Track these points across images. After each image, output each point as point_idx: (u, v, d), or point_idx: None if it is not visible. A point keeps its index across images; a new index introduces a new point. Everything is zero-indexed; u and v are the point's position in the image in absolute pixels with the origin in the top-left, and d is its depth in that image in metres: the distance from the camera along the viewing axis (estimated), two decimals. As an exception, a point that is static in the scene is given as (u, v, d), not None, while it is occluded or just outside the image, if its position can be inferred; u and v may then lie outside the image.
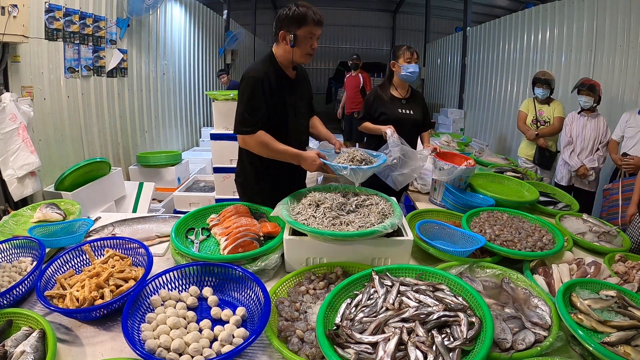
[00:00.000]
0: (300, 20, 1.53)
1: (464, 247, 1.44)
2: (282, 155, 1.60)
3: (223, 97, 3.01)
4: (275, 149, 1.58)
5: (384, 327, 0.93)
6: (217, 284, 1.20)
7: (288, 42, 1.56)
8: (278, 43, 1.61)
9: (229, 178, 3.01)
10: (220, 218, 1.54)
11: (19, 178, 2.29)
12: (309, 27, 1.54)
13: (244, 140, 1.60)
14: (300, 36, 1.54)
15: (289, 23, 1.54)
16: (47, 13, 2.68)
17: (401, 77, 2.35)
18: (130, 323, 0.98)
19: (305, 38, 1.56)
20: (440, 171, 2.01)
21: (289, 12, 1.54)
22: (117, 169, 3.08)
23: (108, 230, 1.53)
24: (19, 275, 1.18)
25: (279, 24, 1.57)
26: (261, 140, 1.57)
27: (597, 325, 1.01)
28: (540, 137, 3.33)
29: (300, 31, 1.54)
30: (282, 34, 1.56)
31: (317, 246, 1.29)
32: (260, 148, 1.59)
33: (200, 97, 5.97)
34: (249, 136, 1.57)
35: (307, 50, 1.59)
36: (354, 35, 12.36)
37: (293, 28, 1.54)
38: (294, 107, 1.69)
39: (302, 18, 1.52)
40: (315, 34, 1.57)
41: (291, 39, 1.55)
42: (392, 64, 2.37)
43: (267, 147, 1.58)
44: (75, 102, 3.07)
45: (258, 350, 0.98)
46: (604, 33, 3.78)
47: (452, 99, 7.72)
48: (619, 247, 1.64)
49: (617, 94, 3.64)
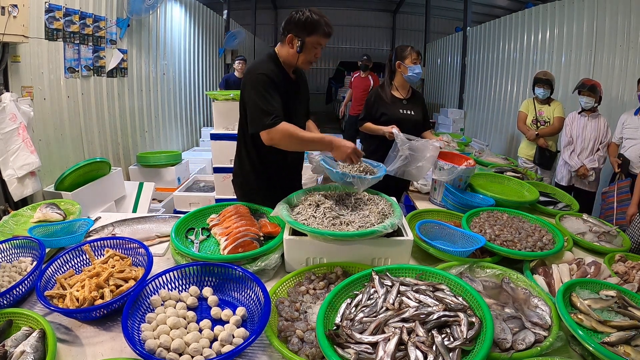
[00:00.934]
0: (311, 28, 1.51)
1: (464, 247, 1.44)
2: (312, 144, 1.53)
3: (223, 97, 3.02)
4: (304, 139, 1.51)
5: (384, 327, 0.93)
6: (217, 284, 1.20)
7: (294, 47, 1.54)
8: (283, 44, 1.59)
9: (228, 178, 2.99)
10: (220, 218, 1.54)
11: (19, 178, 2.29)
12: (318, 37, 1.54)
13: (269, 135, 1.48)
14: (308, 43, 1.54)
15: (300, 28, 1.52)
16: (47, 13, 2.68)
17: (407, 77, 2.36)
18: (130, 323, 0.98)
19: (312, 46, 1.55)
20: (440, 171, 2.01)
21: (302, 16, 1.51)
22: (117, 169, 3.08)
23: (108, 230, 1.53)
24: (19, 275, 1.18)
25: (289, 27, 1.54)
26: (287, 131, 1.47)
27: (597, 325, 1.01)
28: (540, 137, 3.33)
29: (309, 38, 1.53)
30: (290, 37, 1.54)
31: (317, 246, 1.29)
32: (287, 140, 1.49)
33: (200, 97, 5.98)
34: (274, 129, 1.46)
35: (311, 58, 1.58)
36: (354, 35, 12.37)
37: (302, 34, 1.52)
38: (294, 109, 1.67)
39: (314, 26, 1.51)
40: (322, 44, 1.56)
41: (298, 44, 1.53)
42: (398, 64, 2.37)
43: (295, 137, 1.48)
44: (75, 102, 3.07)
45: (258, 350, 0.98)
46: (604, 33, 3.78)
47: (452, 99, 7.72)
48: (619, 247, 1.64)
49: (617, 94, 3.65)
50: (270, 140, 1.51)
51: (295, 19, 1.53)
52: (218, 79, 6.66)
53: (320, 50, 1.58)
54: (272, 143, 1.51)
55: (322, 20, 1.52)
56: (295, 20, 1.53)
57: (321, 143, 1.53)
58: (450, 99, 7.86)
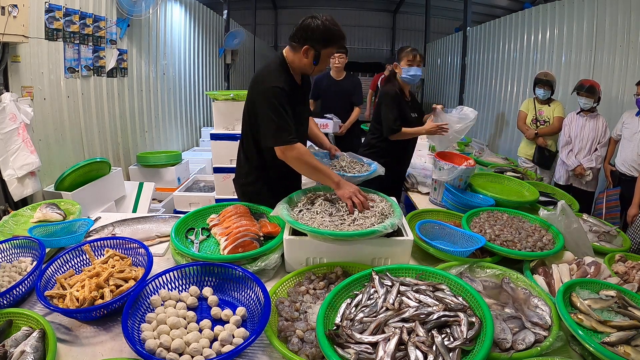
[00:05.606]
0: (329, 41, 1.49)
1: (464, 247, 1.44)
2: (319, 174, 1.50)
3: (223, 97, 3.02)
4: (313, 166, 1.49)
5: (384, 327, 0.93)
6: (217, 284, 1.20)
7: (310, 57, 1.51)
8: (296, 52, 1.54)
9: (229, 178, 3.00)
10: (220, 218, 1.54)
11: (19, 178, 2.29)
12: (333, 49, 1.53)
13: (285, 153, 1.49)
14: (323, 55, 1.52)
15: (317, 39, 1.48)
16: (47, 13, 2.67)
17: (402, 79, 2.30)
18: (130, 323, 0.98)
19: (327, 57, 1.54)
20: (440, 171, 2.02)
21: (320, 26, 1.46)
22: (117, 169, 3.08)
23: (108, 230, 1.53)
24: (19, 275, 1.18)
25: (305, 35, 1.48)
26: (302, 155, 1.48)
27: (597, 325, 1.01)
28: (539, 137, 3.34)
29: (325, 50, 1.51)
30: (307, 48, 1.49)
31: (317, 246, 1.29)
32: (298, 163, 1.50)
33: (200, 97, 5.97)
34: (290, 146, 1.47)
35: (324, 68, 1.57)
36: (354, 35, 12.35)
37: (319, 45, 1.49)
38: (301, 114, 1.66)
39: (332, 39, 1.49)
40: (334, 54, 1.56)
41: (314, 55, 1.50)
42: (395, 65, 2.32)
43: (306, 163, 1.49)
44: (75, 102, 3.06)
45: (258, 350, 0.98)
46: (604, 33, 3.77)
47: (452, 99, 7.71)
48: (619, 247, 1.64)
49: (617, 94, 3.64)
50: (283, 156, 1.51)
51: (314, 27, 1.47)
52: (218, 79, 6.65)
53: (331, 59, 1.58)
54: (283, 158, 1.51)
55: (339, 33, 1.50)
56: (314, 28, 1.47)
57: (328, 178, 1.49)
58: (450, 99, 7.85)
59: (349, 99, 3.58)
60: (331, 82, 3.51)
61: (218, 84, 6.62)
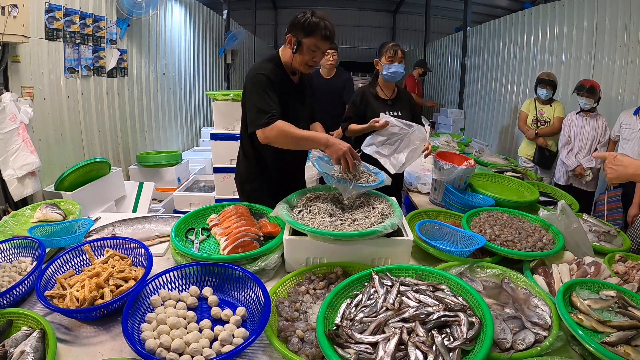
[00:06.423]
0: (309, 30, 1.51)
1: (464, 247, 1.44)
2: (307, 141, 1.51)
3: (223, 97, 3.02)
4: (298, 136, 1.48)
5: (384, 327, 0.93)
6: (217, 284, 1.20)
7: (292, 47, 1.55)
8: (285, 46, 1.60)
9: (229, 178, 3.01)
10: (220, 218, 1.54)
11: (19, 178, 2.29)
12: (315, 40, 1.52)
13: (264, 134, 1.48)
14: (304, 45, 1.53)
15: (298, 29, 1.52)
16: (47, 13, 2.68)
17: (383, 76, 2.20)
18: (130, 323, 0.98)
19: (309, 48, 1.54)
20: (440, 171, 2.01)
21: (302, 17, 1.51)
22: (117, 169, 3.08)
23: (108, 230, 1.53)
24: (19, 275, 1.18)
25: (290, 27, 1.55)
26: (281, 129, 1.46)
27: (597, 325, 1.01)
28: (540, 137, 3.34)
29: (306, 40, 1.52)
30: (289, 37, 1.55)
31: (317, 246, 1.29)
32: (282, 138, 1.48)
33: (200, 97, 5.97)
34: (268, 128, 1.46)
35: (308, 60, 1.57)
36: (354, 35, 12.35)
37: (300, 35, 1.52)
38: (294, 110, 1.65)
39: (312, 28, 1.51)
40: (320, 48, 1.54)
41: (295, 43, 1.53)
42: (376, 62, 2.24)
43: (289, 135, 1.47)
44: (75, 102, 3.07)
45: (258, 350, 0.98)
46: (604, 33, 3.77)
47: (452, 99, 7.72)
48: (619, 247, 1.64)
49: (617, 94, 3.65)
50: (266, 139, 1.50)
51: (297, 19, 1.53)
52: (218, 79, 6.66)
53: (319, 54, 1.56)
54: (267, 141, 1.51)
55: (321, 23, 1.50)
56: (296, 21, 1.53)
57: (316, 141, 1.49)
58: (450, 99, 7.86)
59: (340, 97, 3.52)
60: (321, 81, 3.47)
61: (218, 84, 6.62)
